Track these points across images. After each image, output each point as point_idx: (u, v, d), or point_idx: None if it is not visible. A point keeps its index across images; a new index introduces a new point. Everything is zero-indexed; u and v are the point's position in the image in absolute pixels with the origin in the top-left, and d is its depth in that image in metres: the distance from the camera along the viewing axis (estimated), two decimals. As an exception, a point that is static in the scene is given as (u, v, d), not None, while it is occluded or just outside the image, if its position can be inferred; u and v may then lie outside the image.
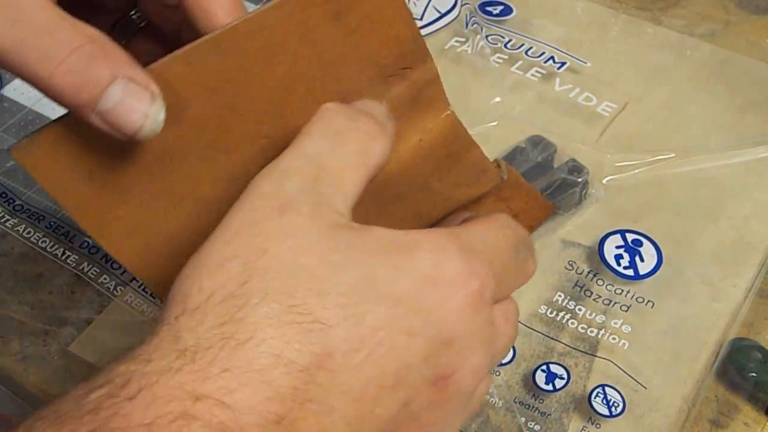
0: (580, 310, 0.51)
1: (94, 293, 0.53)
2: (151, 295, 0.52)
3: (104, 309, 0.52)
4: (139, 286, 0.53)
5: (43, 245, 0.55)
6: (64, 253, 0.55)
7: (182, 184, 0.34)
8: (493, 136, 0.60)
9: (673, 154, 0.58)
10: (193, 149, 0.34)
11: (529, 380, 0.48)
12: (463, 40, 0.67)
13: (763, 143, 0.59)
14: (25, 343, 0.51)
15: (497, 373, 0.49)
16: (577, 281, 0.53)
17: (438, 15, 0.68)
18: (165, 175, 0.34)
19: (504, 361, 0.49)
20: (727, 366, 0.50)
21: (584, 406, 0.47)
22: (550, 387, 0.48)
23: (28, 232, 0.56)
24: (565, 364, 0.49)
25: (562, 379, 0.48)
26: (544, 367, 0.48)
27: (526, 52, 0.66)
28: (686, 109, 0.63)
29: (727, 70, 0.65)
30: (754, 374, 0.50)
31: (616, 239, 0.53)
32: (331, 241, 0.28)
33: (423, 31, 0.67)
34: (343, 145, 0.30)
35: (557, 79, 0.64)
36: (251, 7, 0.34)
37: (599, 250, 0.53)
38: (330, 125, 0.31)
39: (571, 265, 0.53)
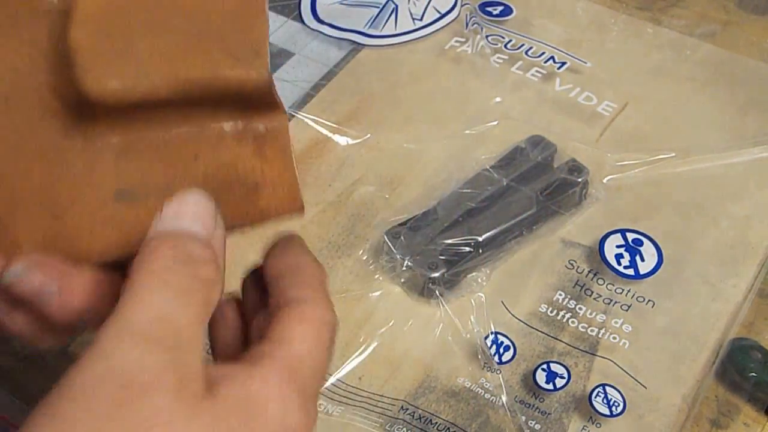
0: (580, 309, 0.51)
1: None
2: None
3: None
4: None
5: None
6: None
7: None
8: (494, 136, 0.60)
9: (674, 154, 0.58)
10: None
11: (530, 379, 0.48)
12: (463, 40, 0.67)
13: (763, 143, 0.59)
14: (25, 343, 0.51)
15: (498, 372, 0.49)
16: (578, 280, 0.53)
17: (438, 15, 0.68)
18: None
19: (504, 360, 0.49)
20: (727, 366, 0.50)
21: (584, 405, 0.47)
22: (550, 386, 0.48)
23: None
24: (565, 364, 0.49)
25: (563, 378, 0.48)
26: (544, 366, 0.48)
27: (526, 52, 0.66)
28: (686, 109, 0.63)
29: (727, 70, 0.65)
30: (754, 374, 0.49)
31: (617, 239, 0.53)
32: (194, 421, 0.27)
33: (423, 32, 0.68)
34: (190, 302, 0.29)
35: (557, 79, 0.64)
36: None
37: (600, 249, 0.53)
38: (170, 275, 0.29)
39: (572, 265, 0.53)
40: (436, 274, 0.50)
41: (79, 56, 0.34)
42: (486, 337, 0.50)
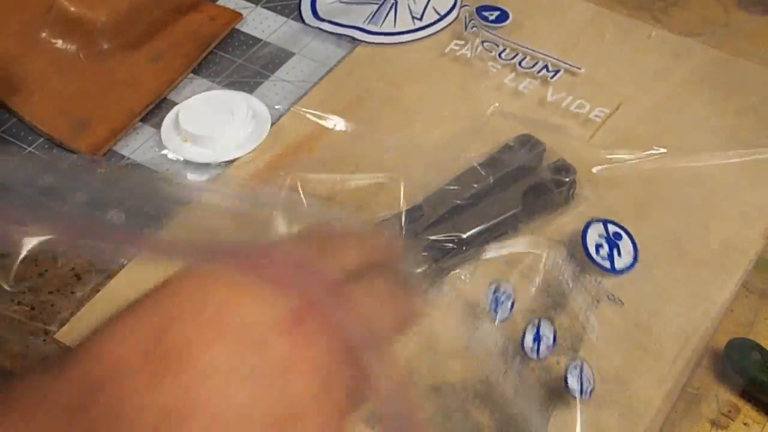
0: (562, 307, 0.51)
1: (95, 293, 0.54)
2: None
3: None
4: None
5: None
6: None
7: None
8: (484, 137, 0.59)
9: (665, 150, 0.58)
10: None
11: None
12: (462, 43, 0.67)
13: (756, 146, 0.58)
14: (25, 343, 0.52)
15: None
16: (561, 280, 0.52)
17: (438, 17, 0.68)
18: None
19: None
20: (726, 366, 0.50)
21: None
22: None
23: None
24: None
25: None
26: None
27: (520, 61, 0.65)
28: (681, 111, 0.62)
29: (724, 73, 0.64)
30: (753, 374, 0.49)
31: (599, 227, 0.53)
32: None
33: (423, 33, 0.68)
34: None
35: (551, 88, 0.63)
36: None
37: (582, 235, 0.52)
38: None
39: (556, 264, 0.53)
40: (419, 270, 0.50)
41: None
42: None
